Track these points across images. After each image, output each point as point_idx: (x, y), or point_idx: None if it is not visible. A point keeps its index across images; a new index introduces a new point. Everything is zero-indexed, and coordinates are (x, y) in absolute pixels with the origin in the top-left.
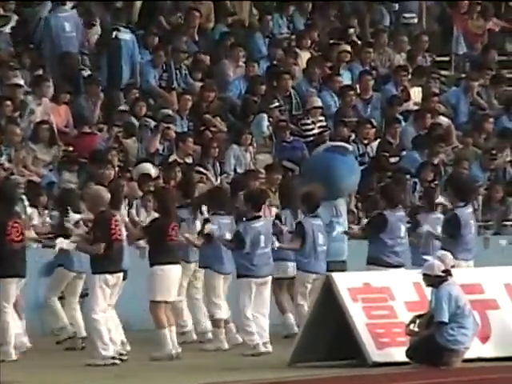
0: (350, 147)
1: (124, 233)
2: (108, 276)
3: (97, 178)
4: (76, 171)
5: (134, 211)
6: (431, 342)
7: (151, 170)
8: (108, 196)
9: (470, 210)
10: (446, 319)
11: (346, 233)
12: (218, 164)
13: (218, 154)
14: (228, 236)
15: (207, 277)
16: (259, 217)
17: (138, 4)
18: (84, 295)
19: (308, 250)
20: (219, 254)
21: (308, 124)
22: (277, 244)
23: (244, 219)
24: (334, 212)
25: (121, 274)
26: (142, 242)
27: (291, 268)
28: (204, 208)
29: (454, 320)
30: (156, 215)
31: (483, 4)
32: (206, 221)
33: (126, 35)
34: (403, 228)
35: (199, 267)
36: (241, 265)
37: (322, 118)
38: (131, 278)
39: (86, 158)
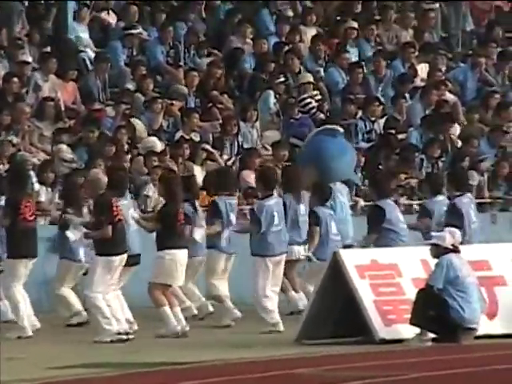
0: (341, 129)
1: (131, 219)
2: (111, 258)
3: (98, 155)
4: (73, 146)
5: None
6: (444, 316)
7: (157, 143)
8: (105, 179)
9: (467, 199)
10: (437, 284)
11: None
12: (236, 142)
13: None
14: (233, 216)
15: (210, 257)
16: (272, 195)
17: None
18: (84, 273)
19: (322, 239)
20: (222, 234)
21: (305, 99)
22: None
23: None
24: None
25: (124, 255)
26: None
27: (296, 251)
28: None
29: (452, 287)
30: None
31: None
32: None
33: None
34: (400, 214)
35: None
36: (256, 244)
37: (315, 92)
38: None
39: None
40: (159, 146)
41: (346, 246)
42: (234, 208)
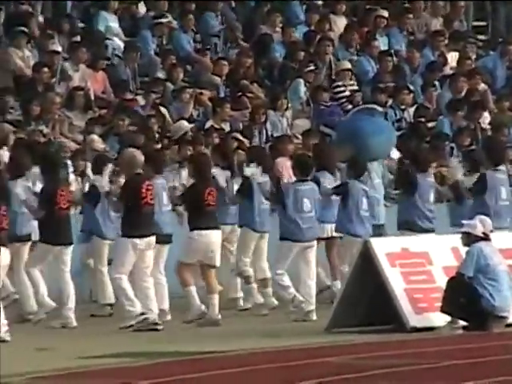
0: (380, 109)
1: (165, 199)
2: (136, 240)
3: (129, 142)
4: (103, 135)
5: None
6: (476, 304)
7: (188, 127)
8: (142, 159)
9: (502, 175)
10: (467, 272)
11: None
12: (264, 130)
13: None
14: (264, 200)
15: (242, 234)
16: (306, 180)
17: None
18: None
19: (351, 214)
20: (255, 212)
21: (339, 86)
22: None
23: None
24: (366, 178)
25: (151, 238)
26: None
27: (329, 229)
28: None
29: (483, 275)
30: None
31: None
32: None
33: None
34: (432, 193)
35: (238, 226)
36: (285, 227)
37: (352, 81)
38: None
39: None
40: (189, 129)
41: (376, 226)
42: (266, 185)
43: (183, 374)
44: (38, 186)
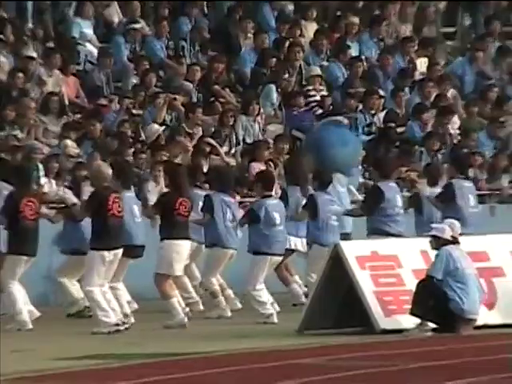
0: (346, 120)
1: (136, 211)
2: (105, 252)
3: (101, 149)
4: (78, 140)
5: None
6: (444, 306)
7: (160, 129)
8: (109, 172)
9: (469, 184)
10: (436, 275)
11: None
12: (233, 134)
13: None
14: (229, 213)
15: (215, 254)
16: (271, 196)
17: None
18: None
19: (321, 224)
20: (225, 231)
21: (310, 91)
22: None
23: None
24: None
25: (119, 250)
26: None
27: (292, 242)
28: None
29: (452, 278)
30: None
31: None
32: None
33: None
34: (399, 198)
35: (206, 246)
36: (257, 242)
37: (322, 87)
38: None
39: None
40: (161, 131)
41: (343, 234)
42: (230, 205)
43: (157, 376)
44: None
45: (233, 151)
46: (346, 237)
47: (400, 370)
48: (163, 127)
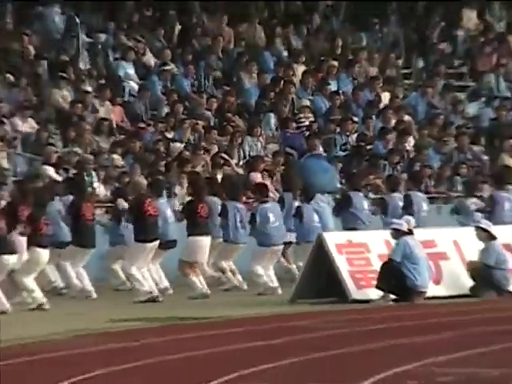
0: (324, 154)
1: (168, 214)
2: (144, 244)
3: (140, 161)
4: (122, 154)
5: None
6: (402, 282)
7: (181, 146)
8: (145, 183)
9: (422, 194)
10: (396, 258)
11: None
12: (241, 151)
13: (240, 143)
14: (238, 216)
15: (227, 247)
16: (266, 201)
17: (177, 29)
18: None
19: (308, 226)
20: (236, 231)
21: (301, 118)
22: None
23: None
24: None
25: (155, 243)
26: None
27: (288, 235)
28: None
29: (408, 260)
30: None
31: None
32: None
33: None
34: (365, 202)
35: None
36: (259, 238)
37: (310, 115)
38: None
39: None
40: (181, 147)
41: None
42: (240, 210)
43: (186, 333)
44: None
45: (241, 163)
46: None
47: (368, 330)
48: (183, 144)
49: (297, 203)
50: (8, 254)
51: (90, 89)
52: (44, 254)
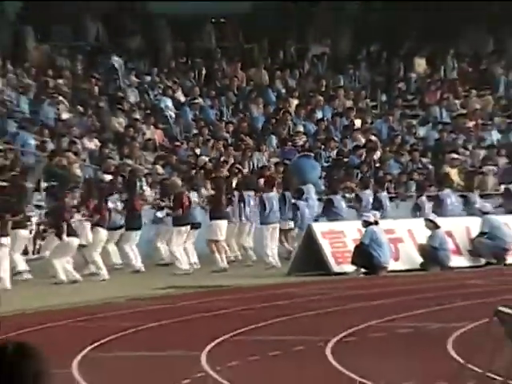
0: (312, 154)
1: (196, 203)
2: (181, 227)
3: (177, 170)
4: (163, 165)
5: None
6: (370, 259)
7: (206, 159)
8: (180, 183)
9: (385, 193)
10: (365, 241)
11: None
12: (251, 163)
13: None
14: (252, 203)
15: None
16: (271, 191)
17: (203, 73)
18: None
19: (300, 217)
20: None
21: (296, 139)
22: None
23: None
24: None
25: (189, 226)
26: None
27: (287, 223)
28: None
29: (374, 243)
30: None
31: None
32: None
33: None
34: (343, 203)
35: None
36: (263, 219)
37: (303, 136)
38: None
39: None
40: (207, 160)
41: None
42: (252, 198)
43: (205, 298)
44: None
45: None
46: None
47: (343, 295)
48: (208, 158)
49: (293, 200)
50: (74, 236)
51: (139, 117)
52: (103, 232)
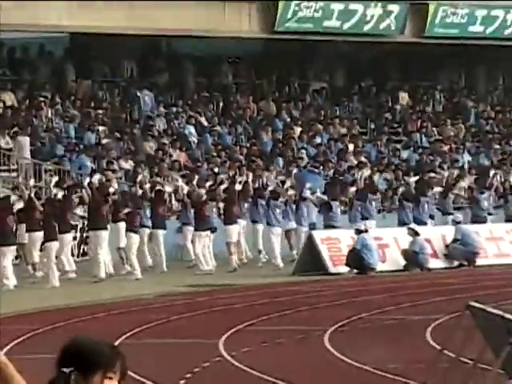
0: (317, 170)
1: (214, 211)
2: (201, 232)
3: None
4: (187, 183)
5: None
6: (361, 262)
7: (223, 177)
8: (202, 193)
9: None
10: (357, 247)
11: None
12: (261, 180)
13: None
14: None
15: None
16: (278, 198)
17: (221, 104)
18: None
19: (302, 218)
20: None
21: (299, 161)
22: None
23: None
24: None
25: (208, 231)
26: None
27: (290, 224)
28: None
29: (365, 248)
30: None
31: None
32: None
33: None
34: (338, 210)
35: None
36: (269, 221)
37: (305, 158)
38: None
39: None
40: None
41: (312, 223)
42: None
43: (220, 295)
44: None
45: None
46: (314, 225)
47: (338, 292)
48: (225, 176)
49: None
50: (104, 229)
51: (166, 142)
52: (135, 237)
